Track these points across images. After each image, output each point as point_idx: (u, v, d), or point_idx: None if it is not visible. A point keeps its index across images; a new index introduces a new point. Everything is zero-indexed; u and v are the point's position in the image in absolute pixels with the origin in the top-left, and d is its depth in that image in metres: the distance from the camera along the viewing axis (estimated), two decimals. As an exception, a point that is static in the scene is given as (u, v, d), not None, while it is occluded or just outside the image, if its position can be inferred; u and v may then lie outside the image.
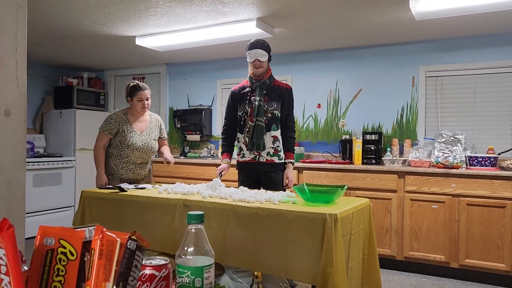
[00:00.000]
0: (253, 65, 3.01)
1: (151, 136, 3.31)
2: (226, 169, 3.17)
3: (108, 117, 3.26)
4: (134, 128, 3.24)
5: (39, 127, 5.97)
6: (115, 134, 3.19)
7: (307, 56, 4.94)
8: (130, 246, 0.65)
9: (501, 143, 4.00)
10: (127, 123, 3.23)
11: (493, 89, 4.08)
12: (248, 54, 3.01)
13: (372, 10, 3.43)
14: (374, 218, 3.71)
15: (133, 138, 3.19)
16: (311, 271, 1.94)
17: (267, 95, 3.04)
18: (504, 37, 4.02)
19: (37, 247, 0.65)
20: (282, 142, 3.09)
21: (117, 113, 3.27)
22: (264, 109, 3.02)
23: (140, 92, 3.23)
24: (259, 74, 3.02)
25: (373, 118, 4.61)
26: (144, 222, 2.46)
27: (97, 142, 3.22)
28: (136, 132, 3.23)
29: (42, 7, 3.47)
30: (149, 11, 3.57)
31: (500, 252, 3.46)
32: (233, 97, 3.20)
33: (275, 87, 3.07)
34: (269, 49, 3.04)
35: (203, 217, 0.81)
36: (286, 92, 3.09)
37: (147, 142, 3.26)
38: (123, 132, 3.18)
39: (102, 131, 3.20)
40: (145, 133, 3.28)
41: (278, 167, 3.06)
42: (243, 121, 3.10)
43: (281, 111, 3.07)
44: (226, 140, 3.27)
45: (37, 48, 4.99)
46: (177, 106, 5.80)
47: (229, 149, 3.28)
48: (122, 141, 3.17)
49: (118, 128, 3.18)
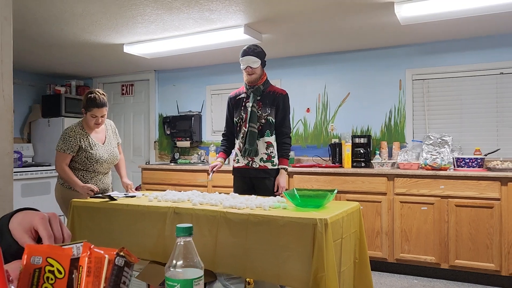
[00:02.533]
0: (246, 72, 3.01)
1: (112, 144, 3.23)
2: (219, 166, 3.17)
3: (65, 134, 3.03)
4: (95, 140, 3.10)
5: (27, 136, 5.91)
6: (77, 151, 3.03)
7: (295, 61, 4.96)
8: (118, 263, 0.65)
9: (488, 144, 4.06)
10: (86, 137, 3.06)
11: (478, 91, 4.14)
12: (241, 61, 3.01)
13: (358, 15, 3.47)
14: (365, 221, 3.74)
15: (99, 151, 3.08)
16: (303, 276, 1.94)
17: (261, 101, 3.04)
18: (488, 40, 4.09)
19: (24, 266, 0.65)
20: (277, 148, 3.09)
21: (73, 128, 3.05)
22: (258, 115, 3.01)
23: (95, 109, 3.01)
24: (253, 81, 3.02)
25: (362, 121, 4.64)
26: (134, 230, 2.45)
27: (59, 162, 3.01)
28: (98, 145, 3.11)
29: (28, 16, 3.45)
30: (136, 19, 3.56)
31: (489, 252, 3.50)
32: (230, 103, 3.21)
33: (270, 93, 3.06)
34: (262, 54, 3.02)
35: (191, 230, 0.82)
36: (281, 97, 3.07)
37: (112, 151, 3.19)
38: (85, 147, 3.03)
39: (62, 151, 2.99)
40: (106, 142, 3.18)
41: (271, 173, 3.05)
42: (238, 127, 3.11)
43: (275, 117, 3.06)
44: (226, 143, 3.29)
45: (23, 57, 4.95)
46: (167, 113, 5.79)
47: (226, 150, 3.28)
48: (89, 157, 3.04)
49: (79, 145, 3.02)
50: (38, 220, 0.79)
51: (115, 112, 6.20)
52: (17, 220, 0.82)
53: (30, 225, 0.80)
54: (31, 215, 0.82)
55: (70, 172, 3.01)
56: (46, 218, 0.80)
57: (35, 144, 5.83)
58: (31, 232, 0.80)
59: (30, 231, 0.80)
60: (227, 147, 3.29)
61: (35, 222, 0.79)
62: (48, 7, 3.27)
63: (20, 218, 0.82)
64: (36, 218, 0.80)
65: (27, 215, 0.82)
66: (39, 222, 0.79)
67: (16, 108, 5.71)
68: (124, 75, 6.10)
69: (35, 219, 0.80)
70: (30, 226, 0.80)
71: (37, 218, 0.80)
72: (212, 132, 5.51)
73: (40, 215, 0.81)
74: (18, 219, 0.82)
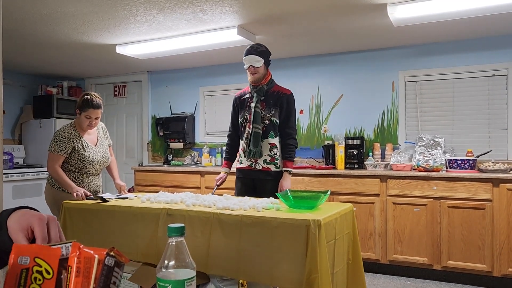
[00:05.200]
0: (248, 71, 2.96)
1: (104, 146, 3.22)
2: (224, 178, 3.14)
3: (58, 135, 3.00)
4: (87, 141, 3.09)
5: (18, 137, 5.85)
6: (70, 153, 3.01)
7: (288, 62, 4.97)
8: (108, 263, 0.64)
9: (479, 146, 4.08)
10: (79, 138, 3.05)
11: (471, 93, 4.17)
12: (244, 60, 2.96)
13: (351, 16, 3.48)
14: (358, 222, 3.74)
15: (91, 153, 3.07)
16: (296, 277, 1.94)
17: (265, 101, 2.98)
18: (480, 42, 4.12)
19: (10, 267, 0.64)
20: (281, 150, 3.01)
21: (66, 129, 3.03)
22: (262, 116, 2.96)
23: (90, 110, 2.99)
24: (256, 80, 2.97)
25: (355, 123, 4.65)
26: (127, 232, 2.43)
27: (52, 164, 2.97)
28: (91, 146, 3.10)
29: (18, 15, 3.42)
30: (129, 19, 3.54)
31: (481, 253, 3.52)
32: (235, 104, 3.17)
33: (274, 93, 3.00)
34: (265, 53, 2.97)
35: (183, 230, 0.81)
36: (285, 97, 2.99)
37: (104, 153, 3.18)
38: (78, 149, 3.01)
39: (56, 152, 2.96)
40: (98, 144, 3.17)
41: (274, 176, 2.98)
42: (243, 128, 3.05)
43: (279, 117, 2.99)
44: (229, 147, 3.23)
45: (14, 57, 4.90)
46: (160, 114, 5.76)
47: (230, 157, 3.23)
48: (82, 159, 3.03)
49: (72, 146, 3.00)
50: (36, 221, 0.79)
51: (107, 113, 6.16)
52: (16, 217, 0.82)
53: (27, 224, 0.80)
54: (30, 214, 0.82)
55: (63, 174, 2.97)
56: (45, 219, 0.80)
57: (26, 146, 5.78)
58: (27, 232, 0.79)
59: (27, 230, 0.79)
60: (231, 153, 3.22)
61: (33, 222, 0.79)
62: (39, 7, 3.24)
63: (19, 216, 0.82)
64: (34, 218, 0.80)
65: (26, 214, 0.82)
66: (36, 222, 0.79)
67: (7, 109, 5.65)
68: (117, 76, 6.07)
69: (33, 219, 0.80)
70: (27, 225, 0.79)
71: (35, 218, 0.79)
72: (205, 133, 5.49)
73: (39, 215, 0.81)
74: (16, 217, 0.82)
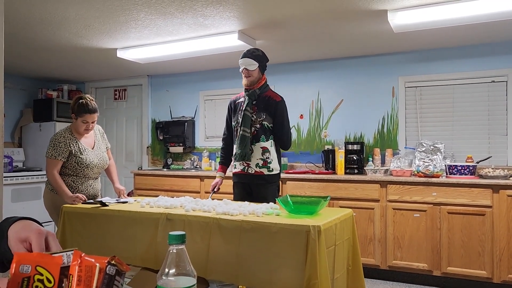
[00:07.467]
0: (243, 74, 3.01)
1: (101, 149, 3.21)
2: (219, 184, 3.16)
3: (55, 140, 2.98)
4: (84, 145, 3.08)
5: (18, 141, 5.85)
6: (67, 157, 3.00)
7: (288, 67, 4.98)
8: (109, 271, 0.64)
9: (479, 152, 4.08)
10: (75, 142, 3.03)
11: (471, 99, 4.17)
12: (239, 63, 3.02)
13: (352, 22, 3.49)
14: (358, 227, 3.74)
15: (89, 157, 3.05)
16: (295, 283, 1.93)
17: (256, 106, 3.01)
18: (480, 48, 4.13)
19: (12, 275, 0.63)
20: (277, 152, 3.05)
21: (62, 134, 3.02)
22: (253, 120, 2.98)
23: (87, 115, 2.98)
24: (249, 84, 3.00)
25: (355, 128, 4.66)
26: (126, 237, 2.43)
27: (50, 169, 2.95)
28: (88, 149, 3.08)
29: (20, 19, 3.42)
30: (130, 24, 3.55)
31: (481, 259, 3.52)
32: (230, 107, 3.20)
33: (265, 98, 3.02)
34: (261, 58, 3.01)
35: (184, 238, 0.80)
36: (274, 104, 3.00)
37: (101, 156, 3.17)
38: (75, 153, 3.00)
39: (53, 157, 2.94)
40: (96, 147, 3.16)
41: (268, 180, 3.00)
42: (236, 131, 3.08)
43: (273, 124, 3.01)
44: (224, 151, 3.25)
45: (15, 61, 4.91)
46: (160, 118, 5.76)
47: (225, 162, 3.25)
48: (79, 162, 3.01)
49: (69, 150, 2.98)
50: (34, 234, 0.79)
51: (107, 117, 6.16)
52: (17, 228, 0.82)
53: (26, 236, 0.80)
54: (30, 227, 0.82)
55: (60, 181, 2.95)
56: (43, 234, 0.80)
57: (26, 149, 5.77)
58: (26, 243, 0.80)
59: (26, 242, 0.80)
60: (225, 157, 3.25)
61: (31, 235, 0.79)
62: (40, 11, 3.25)
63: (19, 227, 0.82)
64: (33, 232, 0.80)
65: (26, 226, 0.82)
66: (34, 236, 0.79)
67: (7, 112, 5.65)
68: (117, 79, 6.07)
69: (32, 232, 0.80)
70: (25, 238, 0.80)
71: (34, 232, 0.80)
72: (205, 137, 5.49)
73: (38, 229, 0.81)
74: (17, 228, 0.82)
